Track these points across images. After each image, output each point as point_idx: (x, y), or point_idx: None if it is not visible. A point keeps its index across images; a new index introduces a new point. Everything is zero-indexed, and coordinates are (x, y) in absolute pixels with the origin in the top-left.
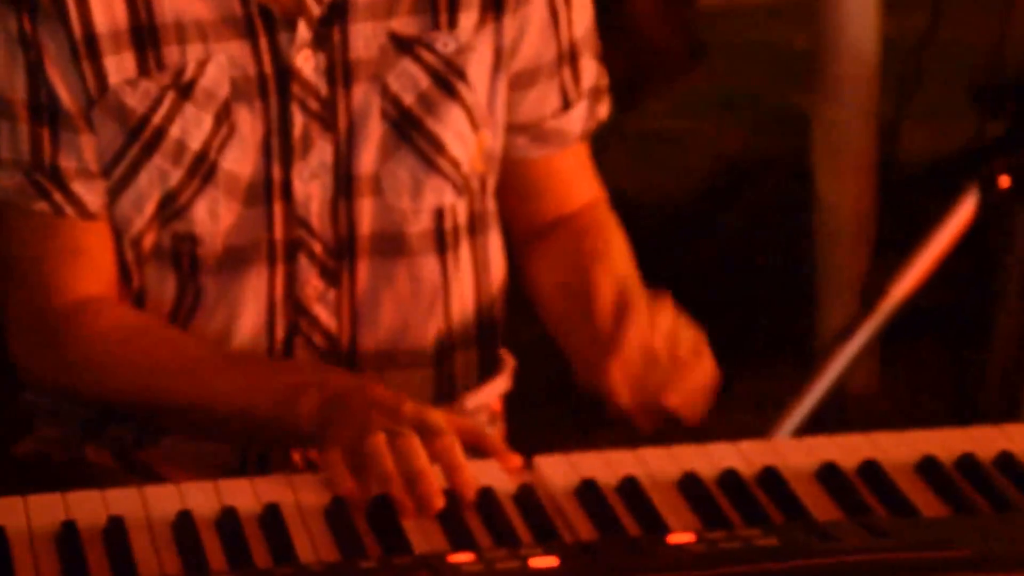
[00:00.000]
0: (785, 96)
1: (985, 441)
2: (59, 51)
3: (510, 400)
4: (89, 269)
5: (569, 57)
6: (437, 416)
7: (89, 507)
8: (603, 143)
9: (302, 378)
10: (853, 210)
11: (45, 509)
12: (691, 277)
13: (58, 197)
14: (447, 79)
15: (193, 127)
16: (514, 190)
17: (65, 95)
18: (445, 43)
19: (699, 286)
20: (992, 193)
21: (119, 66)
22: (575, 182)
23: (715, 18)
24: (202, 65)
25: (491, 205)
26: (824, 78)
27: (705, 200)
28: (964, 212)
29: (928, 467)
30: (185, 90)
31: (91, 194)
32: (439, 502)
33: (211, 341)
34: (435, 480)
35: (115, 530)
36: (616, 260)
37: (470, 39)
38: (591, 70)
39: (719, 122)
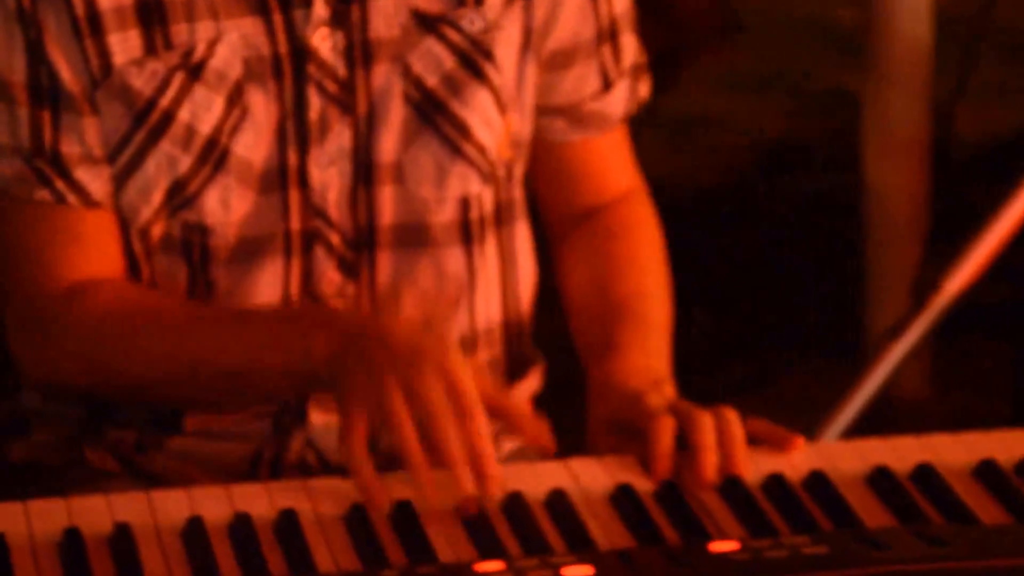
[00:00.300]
0: (831, 75)
1: None
2: (60, 29)
3: (541, 399)
4: (90, 255)
5: (609, 34)
6: (460, 373)
7: (93, 513)
8: (634, 127)
9: (316, 320)
10: (905, 198)
11: (47, 515)
12: (730, 270)
13: (60, 184)
14: (473, 59)
15: (203, 110)
16: (550, 176)
17: (67, 76)
18: (471, 21)
19: (739, 280)
20: None
21: (124, 45)
22: (612, 169)
23: None
24: (213, 44)
25: (518, 194)
26: (874, 56)
27: (744, 187)
28: None
29: (986, 471)
30: (195, 71)
31: (95, 181)
32: (466, 470)
33: (217, 303)
34: (460, 449)
35: (121, 537)
36: (648, 300)
37: (498, 17)
38: (632, 47)
39: (759, 103)
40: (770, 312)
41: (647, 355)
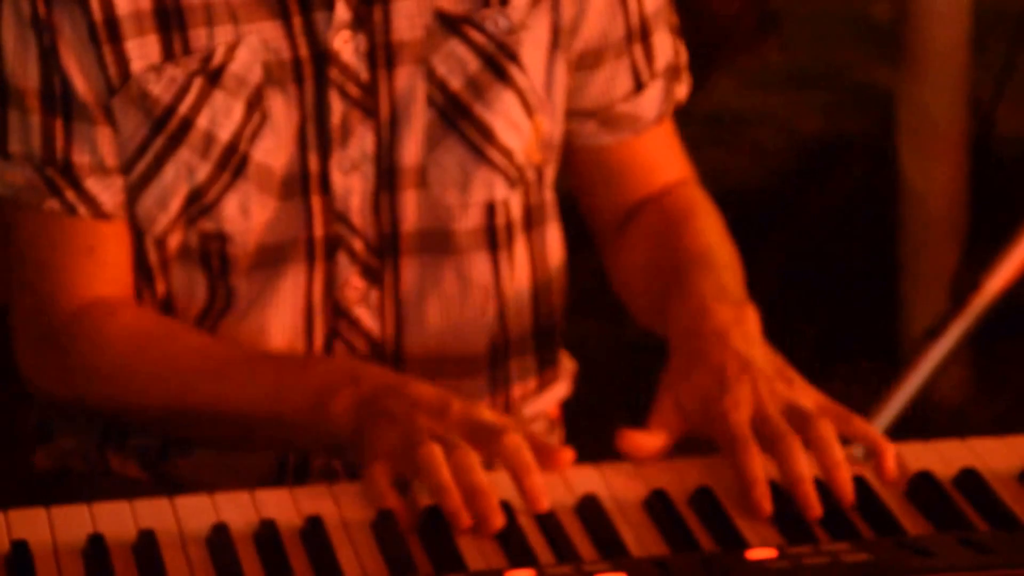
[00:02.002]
0: (866, 71)
1: None
2: (76, 35)
3: (571, 405)
4: (102, 270)
5: (640, 34)
6: (491, 414)
7: (117, 520)
8: None
9: (334, 376)
10: (943, 196)
11: (71, 522)
12: (764, 271)
13: (70, 195)
14: (498, 61)
15: (222, 116)
16: (592, 181)
17: (81, 84)
18: (496, 22)
19: (774, 281)
20: None
21: (142, 51)
22: (659, 164)
23: None
24: (232, 49)
25: (549, 197)
26: (909, 51)
27: (778, 186)
28: None
29: None
30: (214, 76)
31: (106, 192)
32: (499, 521)
33: (236, 341)
34: (494, 496)
35: (146, 544)
36: (719, 255)
37: (523, 17)
38: (666, 47)
39: (793, 100)
40: (807, 313)
41: (728, 300)
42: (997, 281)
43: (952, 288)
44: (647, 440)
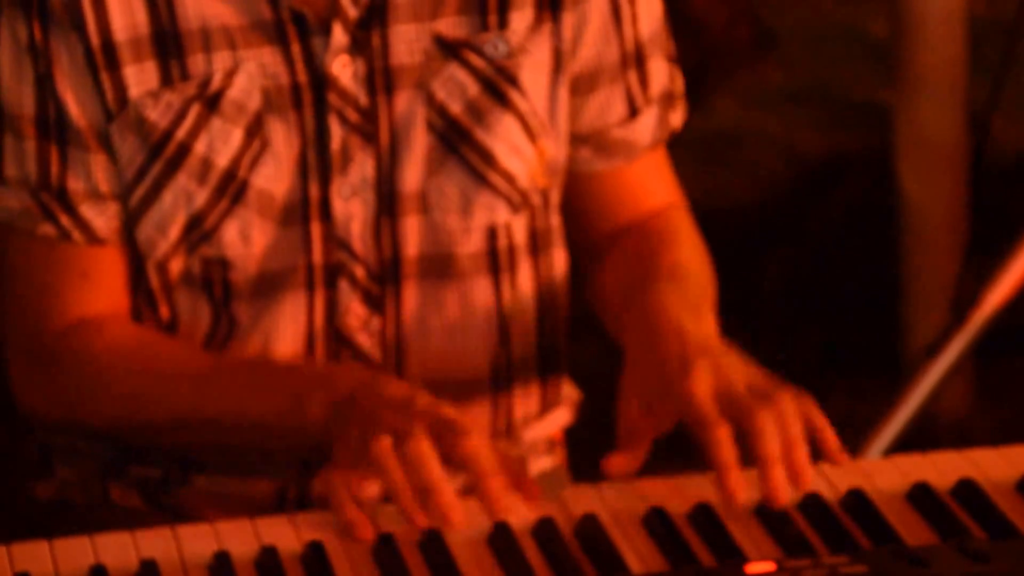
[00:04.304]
0: (864, 88)
1: None
2: (72, 62)
3: (573, 430)
4: (95, 293)
5: (635, 59)
6: (456, 414)
7: (119, 550)
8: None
9: (310, 378)
10: (942, 211)
11: (72, 553)
12: (766, 289)
13: (65, 220)
14: (497, 85)
15: (220, 142)
16: (581, 205)
17: (76, 110)
18: (495, 46)
19: (775, 298)
20: None
21: (140, 77)
22: (648, 190)
23: (783, 4)
24: (230, 75)
25: (555, 221)
26: (906, 67)
27: (779, 203)
28: None
29: None
30: (212, 102)
31: (100, 218)
32: (455, 515)
33: (228, 348)
34: (449, 489)
35: (148, 574)
36: (687, 269)
37: (523, 41)
38: (662, 73)
39: (790, 118)
40: (808, 330)
41: (691, 302)
42: (997, 295)
43: (952, 303)
44: (624, 458)
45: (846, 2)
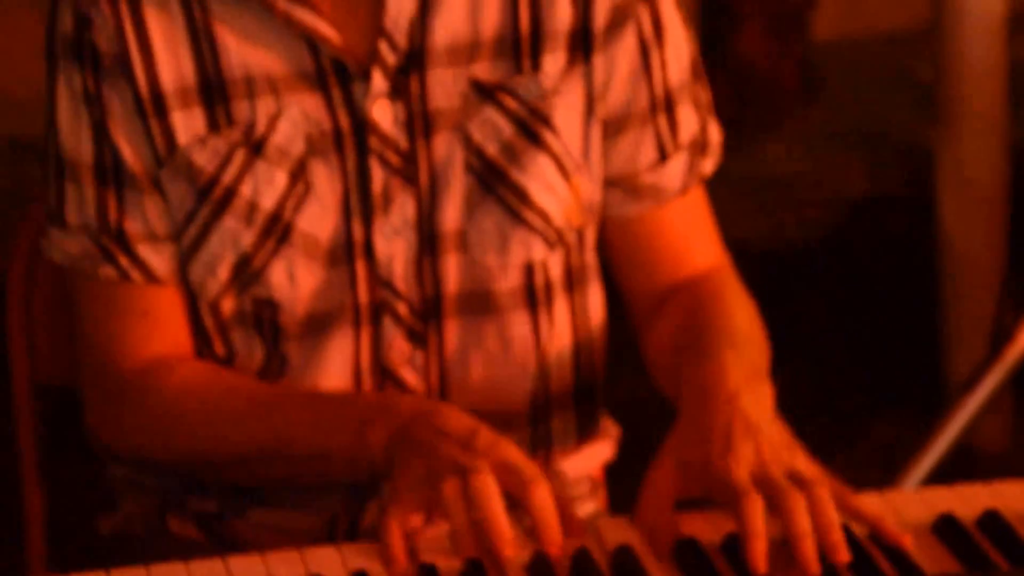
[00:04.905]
0: (908, 131)
1: None
2: (124, 109)
3: (615, 468)
4: (158, 331)
5: (664, 105)
6: (519, 454)
7: None
8: (711, 189)
9: (372, 408)
10: (982, 250)
11: None
12: (812, 328)
13: (124, 261)
14: (532, 127)
15: (265, 186)
16: (622, 255)
17: (130, 155)
18: (528, 89)
19: (822, 337)
20: None
21: (188, 124)
22: (689, 244)
23: (830, 49)
24: (274, 120)
25: (591, 259)
26: (947, 109)
27: (826, 242)
28: None
29: None
30: (256, 147)
31: (158, 258)
32: (510, 551)
33: (282, 384)
34: (507, 527)
35: None
36: (744, 339)
37: (556, 84)
38: (692, 121)
39: (838, 161)
40: (855, 367)
41: (740, 376)
42: None
43: (991, 338)
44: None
45: (891, 46)
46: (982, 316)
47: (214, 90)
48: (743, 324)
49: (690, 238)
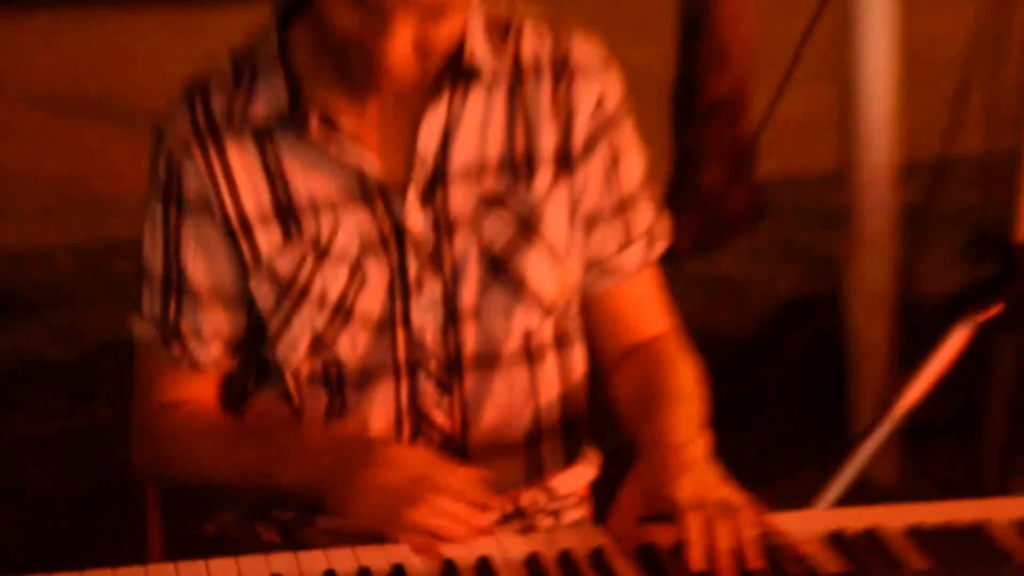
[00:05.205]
0: (828, 247)
1: (966, 511)
2: (198, 239)
3: (599, 484)
4: (187, 390)
5: (625, 206)
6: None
7: (256, 567)
8: (676, 289)
9: (318, 445)
10: (879, 339)
11: (224, 571)
12: (749, 398)
13: (176, 350)
14: (528, 227)
15: (331, 281)
16: (591, 321)
17: (197, 276)
18: (525, 197)
19: (760, 400)
20: (978, 325)
21: (268, 238)
22: (643, 313)
23: (775, 184)
24: (334, 231)
25: (574, 324)
26: (854, 232)
27: (764, 334)
28: (957, 340)
29: (919, 533)
30: (322, 252)
31: (201, 352)
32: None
33: (255, 417)
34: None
35: None
36: (687, 397)
37: (546, 193)
38: (646, 215)
39: (776, 268)
40: (782, 426)
41: (686, 430)
42: (912, 396)
43: (883, 403)
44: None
45: (817, 184)
46: (879, 391)
47: (286, 211)
48: (687, 383)
49: (644, 308)
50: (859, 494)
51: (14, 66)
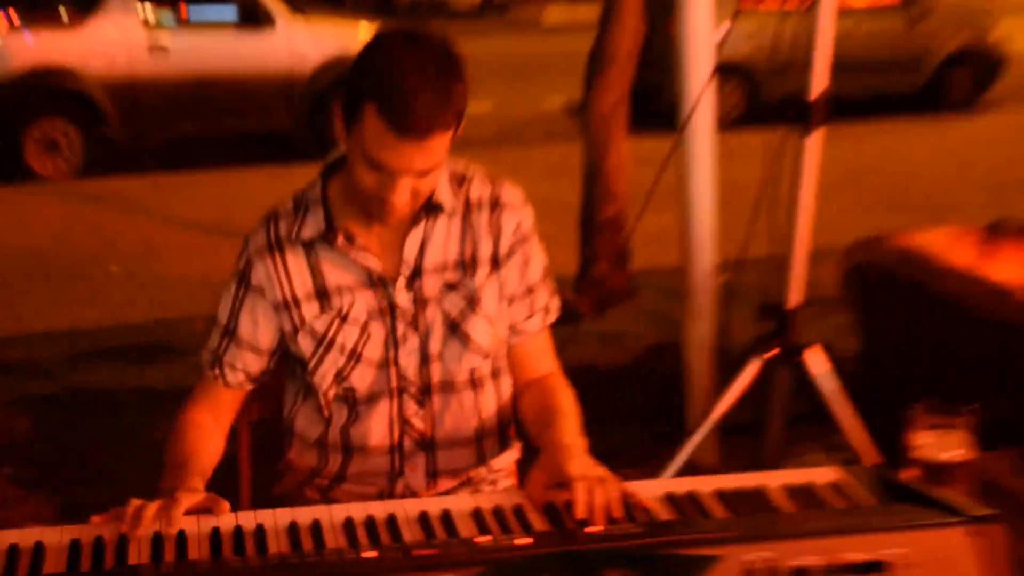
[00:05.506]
0: (677, 313)
1: (751, 480)
2: (252, 310)
3: (521, 463)
4: (213, 401)
5: (531, 291)
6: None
7: (303, 515)
8: (579, 338)
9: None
10: (704, 371)
11: (283, 516)
12: (625, 408)
13: (217, 371)
14: (473, 303)
15: (348, 337)
16: (510, 362)
17: (245, 331)
18: (470, 285)
19: (628, 413)
20: (764, 361)
21: (309, 309)
22: (540, 360)
23: (641, 273)
24: (351, 305)
25: (503, 363)
26: (688, 304)
27: (635, 368)
28: (751, 371)
29: (718, 494)
30: (343, 318)
31: (233, 376)
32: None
33: (198, 441)
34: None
35: (311, 525)
36: (569, 414)
37: (483, 281)
38: (544, 297)
39: (643, 327)
40: (643, 426)
41: (571, 434)
42: (724, 406)
43: (705, 410)
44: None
45: (668, 274)
46: (703, 404)
47: (322, 293)
48: (569, 406)
49: (540, 356)
50: (688, 471)
51: (178, 204)
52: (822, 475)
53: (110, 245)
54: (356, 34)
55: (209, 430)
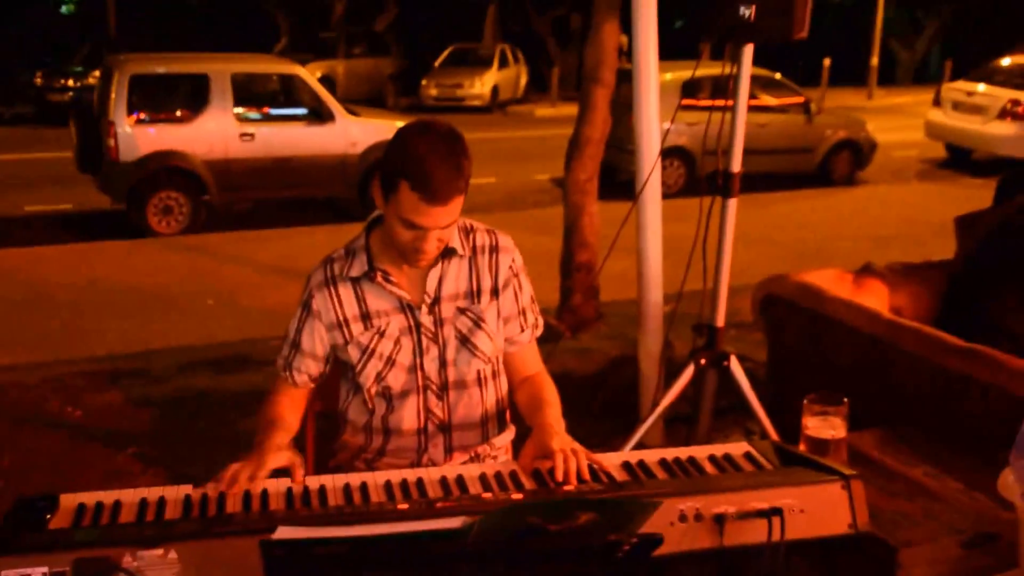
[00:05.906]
0: (634, 334)
1: (685, 452)
2: (310, 329)
3: (516, 442)
4: (285, 393)
5: (522, 312)
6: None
7: (352, 479)
8: (557, 353)
9: (258, 444)
10: (653, 375)
11: (340, 480)
12: (595, 404)
13: (286, 373)
14: (478, 323)
15: (385, 347)
16: (506, 366)
17: (307, 344)
18: (476, 309)
19: (597, 408)
20: (698, 366)
21: (356, 328)
22: (530, 363)
23: (608, 304)
24: (388, 324)
25: (501, 367)
26: (641, 325)
27: (603, 375)
28: (687, 374)
29: (661, 462)
30: (382, 334)
31: (297, 378)
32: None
33: (283, 416)
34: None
35: (351, 486)
36: (553, 403)
37: (486, 307)
38: (532, 317)
39: (608, 343)
40: (606, 417)
41: (554, 418)
42: (667, 401)
43: (653, 403)
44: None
45: (628, 304)
46: (651, 399)
47: (365, 316)
48: (552, 397)
49: (530, 360)
50: (639, 448)
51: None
52: (737, 448)
53: (208, 284)
54: (393, 126)
55: (288, 407)
